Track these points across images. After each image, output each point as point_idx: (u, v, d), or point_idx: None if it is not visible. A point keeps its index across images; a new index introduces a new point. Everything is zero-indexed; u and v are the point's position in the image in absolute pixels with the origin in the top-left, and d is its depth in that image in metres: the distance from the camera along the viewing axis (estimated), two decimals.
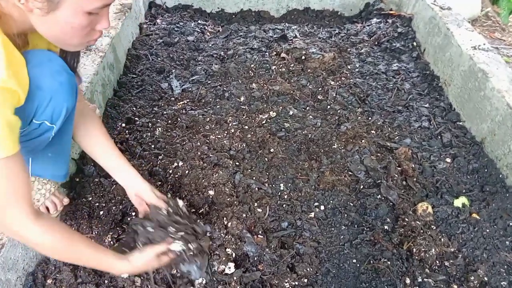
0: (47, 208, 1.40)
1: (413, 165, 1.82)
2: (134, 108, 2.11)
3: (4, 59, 0.84)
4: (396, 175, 1.77)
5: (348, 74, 2.47)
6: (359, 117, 2.13)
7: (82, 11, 0.87)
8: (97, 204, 1.57)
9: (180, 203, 1.35)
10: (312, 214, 1.62)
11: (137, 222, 1.28)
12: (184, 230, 1.26)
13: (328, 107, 2.20)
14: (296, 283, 1.36)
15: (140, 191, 1.35)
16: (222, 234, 1.45)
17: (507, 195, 1.71)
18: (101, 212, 1.54)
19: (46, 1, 0.83)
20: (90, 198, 1.59)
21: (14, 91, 0.87)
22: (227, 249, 1.41)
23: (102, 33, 1.00)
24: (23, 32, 0.97)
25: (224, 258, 1.38)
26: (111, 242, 1.44)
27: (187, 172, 1.71)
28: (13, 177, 0.90)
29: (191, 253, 1.25)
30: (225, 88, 2.31)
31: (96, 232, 1.47)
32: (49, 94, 1.02)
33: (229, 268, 1.36)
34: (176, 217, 1.28)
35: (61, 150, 1.31)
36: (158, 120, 2.03)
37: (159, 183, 1.68)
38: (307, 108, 2.20)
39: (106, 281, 1.33)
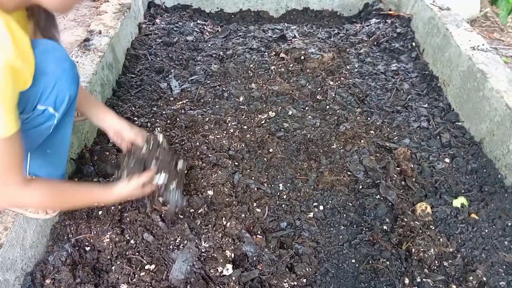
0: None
1: (412, 165, 1.82)
2: (133, 108, 2.10)
3: (10, 38, 0.85)
4: (395, 175, 1.77)
5: (347, 74, 2.47)
6: (358, 117, 2.13)
7: None
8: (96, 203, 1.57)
9: (160, 138, 1.43)
10: (311, 214, 1.62)
11: (120, 159, 1.39)
12: (164, 164, 1.37)
13: (327, 107, 2.20)
14: (295, 283, 1.36)
15: (118, 130, 1.43)
16: (219, 236, 1.45)
17: (506, 195, 1.72)
18: (100, 212, 1.54)
19: None
20: None
21: (21, 71, 0.90)
22: (225, 251, 1.41)
23: None
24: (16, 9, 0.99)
25: (222, 260, 1.38)
26: (109, 243, 1.44)
27: (186, 172, 1.71)
28: (12, 154, 0.97)
29: (172, 185, 1.38)
30: (224, 88, 2.31)
31: (95, 232, 1.46)
32: (54, 79, 1.06)
33: (227, 269, 1.36)
34: (157, 152, 1.38)
35: (61, 146, 1.33)
36: (157, 120, 2.03)
37: None
38: (306, 108, 2.20)
39: (105, 281, 1.33)
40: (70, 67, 1.11)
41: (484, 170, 1.85)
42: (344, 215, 1.63)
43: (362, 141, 1.96)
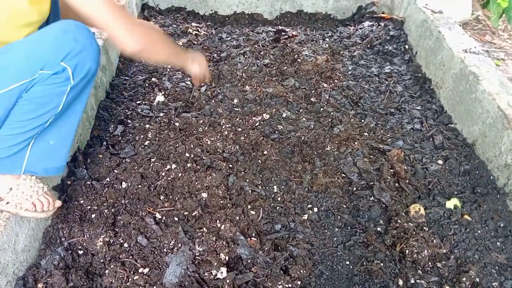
0: (42, 203, 1.37)
1: (405, 167, 1.83)
2: (127, 110, 2.10)
3: None
4: (389, 177, 1.78)
5: (341, 77, 2.48)
6: (352, 120, 2.14)
7: None
8: (89, 207, 1.56)
9: None
10: (306, 216, 1.62)
11: None
12: None
13: (321, 109, 2.21)
14: (290, 285, 1.36)
15: None
16: (213, 239, 1.45)
17: (498, 196, 1.73)
18: (93, 215, 1.53)
19: None
20: (82, 201, 1.57)
21: None
22: (219, 254, 1.41)
23: None
24: None
25: (216, 264, 1.37)
26: (103, 246, 1.43)
27: (180, 174, 1.71)
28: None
29: None
30: (218, 91, 2.31)
31: (88, 236, 1.45)
32: (81, 46, 1.14)
33: (221, 273, 1.35)
34: None
35: (65, 136, 1.32)
36: (151, 123, 2.02)
37: (152, 185, 1.67)
38: (300, 110, 2.21)
39: (98, 285, 1.32)
40: (97, 47, 1.20)
41: (477, 172, 1.86)
42: (338, 217, 1.64)
43: (356, 143, 1.97)
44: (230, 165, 1.80)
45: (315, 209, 1.66)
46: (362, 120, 2.15)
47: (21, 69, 1.09)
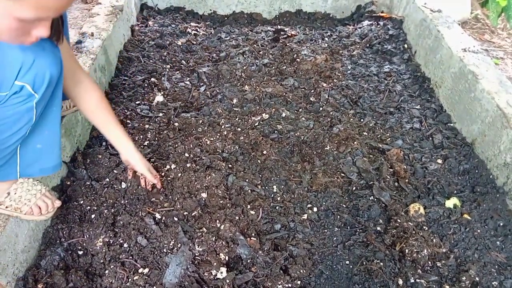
0: (40, 208, 1.37)
1: (405, 166, 1.84)
2: (126, 111, 2.09)
3: None
4: (388, 177, 1.78)
5: (340, 76, 2.48)
6: (351, 119, 2.14)
7: (11, 15, 0.82)
8: (89, 207, 1.56)
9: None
10: (305, 216, 1.62)
11: None
12: None
13: (321, 109, 2.21)
14: (289, 285, 1.36)
15: (132, 162, 1.56)
16: (213, 239, 1.45)
17: (498, 195, 1.73)
18: (93, 216, 1.53)
19: None
20: (82, 202, 1.57)
21: None
22: (219, 254, 1.41)
23: (39, 39, 0.94)
24: None
25: (215, 264, 1.37)
26: (103, 246, 1.43)
27: (179, 174, 1.71)
28: None
29: None
30: (217, 90, 2.31)
31: (87, 236, 1.45)
32: (33, 55, 1.02)
33: (221, 273, 1.35)
34: None
35: (51, 139, 1.28)
36: (150, 123, 2.02)
37: (151, 185, 1.67)
38: (300, 110, 2.21)
39: (98, 286, 1.32)
40: (51, 47, 1.07)
41: (476, 171, 1.86)
42: (338, 216, 1.64)
43: (355, 142, 1.97)
44: (230, 165, 1.80)
45: (315, 209, 1.66)
46: (362, 120, 2.15)
47: None
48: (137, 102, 2.18)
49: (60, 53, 1.12)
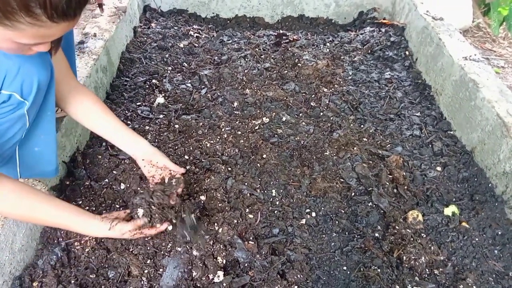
0: None
1: (404, 173, 1.84)
2: (127, 112, 2.10)
3: None
4: (387, 183, 1.78)
5: (341, 82, 2.48)
6: (351, 125, 2.14)
7: (11, 40, 0.83)
8: (87, 207, 1.56)
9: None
10: (304, 221, 1.62)
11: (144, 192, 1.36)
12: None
13: (321, 114, 2.21)
14: None
15: (150, 155, 1.46)
16: (210, 243, 1.44)
17: (496, 204, 1.73)
18: None
19: None
20: (80, 202, 1.57)
21: None
22: (217, 258, 1.41)
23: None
24: None
25: (213, 267, 1.37)
26: (100, 247, 1.43)
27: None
28: None
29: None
30: (218, 93, 2.31)
31: (85, 236, 1.45)
32: (18, 62, 0.99)
33: (218, 276, 1.35)
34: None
35: (47, 142, 1.28)
36: (151, 124, 2.02)
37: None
38: (300, 114, 2.21)
39: (94, 286, 1.32)
40: (39, 52, 1.01)
41: (475, 179, 1.86)
42: (336, 222, 1.64)
43: (355, 148, 1.97)
44: (229, 168, 1.80)
45: (313, 214, 1.66)
46: (362, 126, 2.16)
47: None
48: (138, 104, 2.18)
49: (49, 56, 1.10)
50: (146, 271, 1.37)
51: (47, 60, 1.09)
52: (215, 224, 1.53)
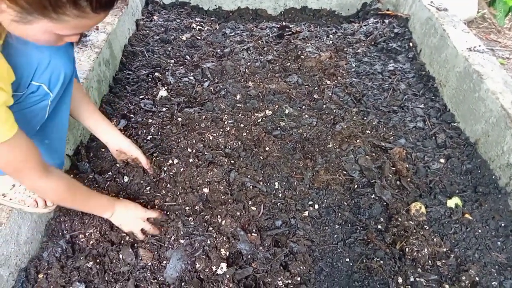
0: (44, 201, 1.39)
1: (407, 165, 1.83)
2: (130, 105, 2.10)
3: None
4: (390, 175, 1.78)
5: (344, 74, 2.47)
6: (354, 117, 2.14)
7: (51, 32, 0.87)
8: None
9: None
10: (306, 213, 1.63)
11: None
12: None
13: (324, 106, 2.21)
14: (289, 281, 1.37)
15: (123, 148, 1.58)
16: (214, 235, 1.45)
17: (500, 196, 1.73)
18: None
19: (19, 16, 0.81)
20: None
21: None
22: (220, 250, 1.42)
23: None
24: None
25: (215, 260, 1.38)
26: (104, 240, 1.44)
27: (182, 169, 1.71)
28: (22, 150, 1.00)
29: None
30: (221, 86, 2.31)
31: (89, 229, 1.46)
32: (48, 56, 1.06)
33: (221, 268, 1.36)
34: None
35: (58, 135, 1.32)
36: (154, 117, 2.02)
37: (154, 180, 1.68)
38: (303, 107, 2.21)
39: (99, 278, 1.33)
40: (65, 47, 1.11)
41: (479, 171, 1.86)
42: (339, 214, 1.64)
43: (358, 140, 1.96)
44: (232, 161, 1.80)
45: (316, 206, 1.66)
46: (365, 118, 2.15)
47: None
48: (141, 97, 2.18)
49: (73, 52, 1.17)
50: (150, 263, 1.38)
51: (72, 55, 1.16)
52: (218, 216, 1.53)
